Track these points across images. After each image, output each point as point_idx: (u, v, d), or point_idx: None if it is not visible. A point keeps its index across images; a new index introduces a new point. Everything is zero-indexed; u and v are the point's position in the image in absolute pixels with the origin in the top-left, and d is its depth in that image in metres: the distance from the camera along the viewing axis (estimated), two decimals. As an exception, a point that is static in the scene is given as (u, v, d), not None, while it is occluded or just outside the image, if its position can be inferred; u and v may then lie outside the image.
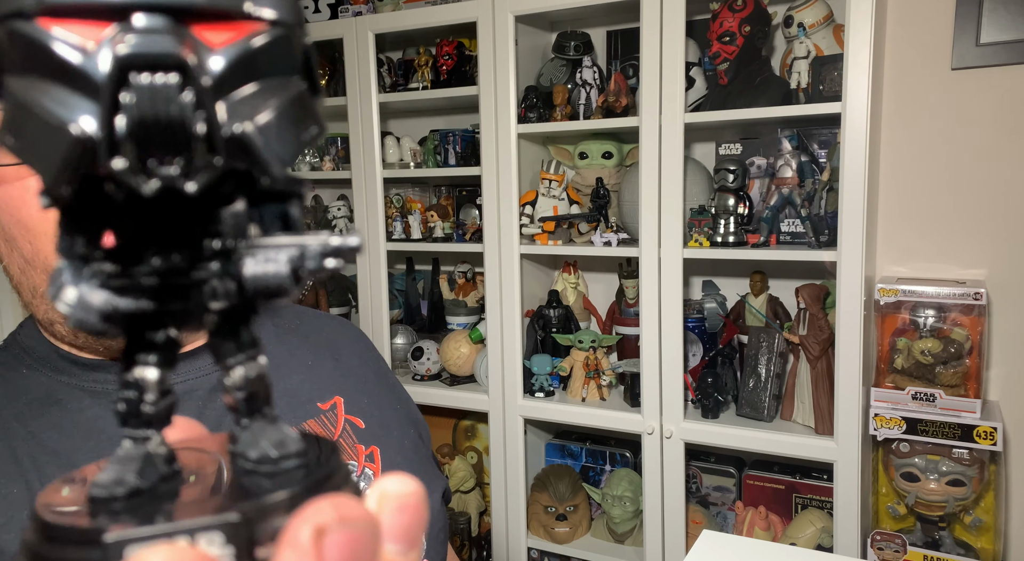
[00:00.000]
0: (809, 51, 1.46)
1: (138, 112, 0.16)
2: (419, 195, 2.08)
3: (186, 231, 0.19)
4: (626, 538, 1.76)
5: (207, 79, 0.17)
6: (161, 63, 0.16)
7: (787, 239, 1.54)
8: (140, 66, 0.16)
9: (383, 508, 0.19)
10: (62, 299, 0.17)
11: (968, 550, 1.45)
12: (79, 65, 0.16)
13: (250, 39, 0.17)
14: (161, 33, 0.16)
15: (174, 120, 0.16)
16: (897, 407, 1.43)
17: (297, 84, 0.18)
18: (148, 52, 0.16)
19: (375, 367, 0.82)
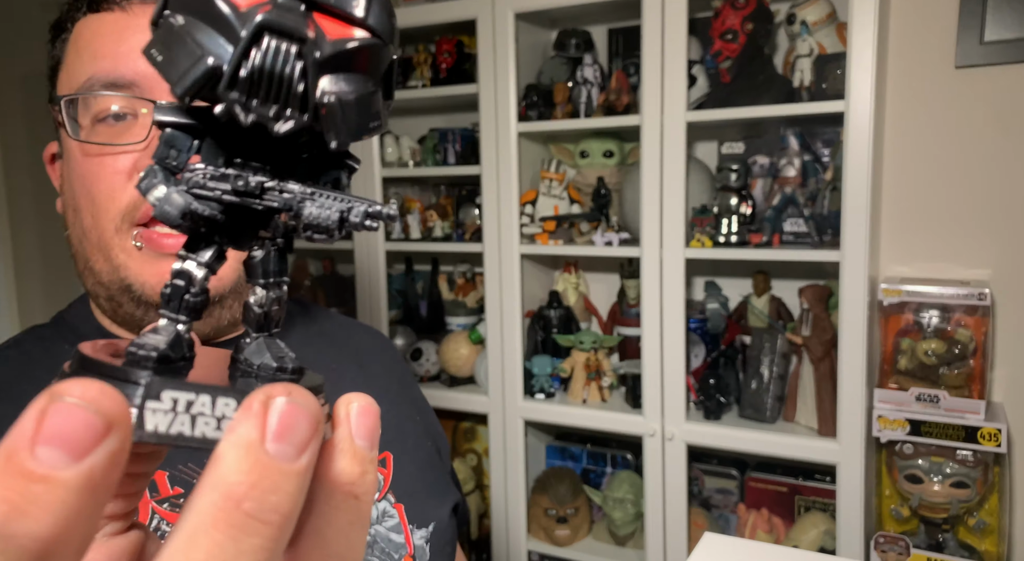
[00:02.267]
0: (812, 49, 1.45)
1: (261, 63, 0.20)
2: (418, 194, 2.06)
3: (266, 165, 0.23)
4: (627, 541, 1.75)
5: (317, 56, 0.21)
6: (289, 33, 0.20)
7: (790, 239, 1.52)
8: (274, 31, 0.20)
9: (350, 411, 0.22)
10: (153, 194, 0.21)
11: (972, 553, 1.44)
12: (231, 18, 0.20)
13: (354, 39, 0.22)
14: (295, 12, 0.21)
15: (284, 77, 0.21)
16: (901, 408, 1.41)
17: (375, 85, 0.23)
18: (282, 24, 0.20)
19: (399, 378, 0.83)
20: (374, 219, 0.22)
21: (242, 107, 0.21)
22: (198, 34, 0.20)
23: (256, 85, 0.20)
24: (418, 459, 0.76)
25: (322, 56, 0.21)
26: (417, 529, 0.72)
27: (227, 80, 0.20)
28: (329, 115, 0.21)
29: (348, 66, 0.22)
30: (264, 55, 0.20)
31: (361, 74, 0.22)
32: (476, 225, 1.82)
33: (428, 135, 1.93)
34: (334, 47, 0.21)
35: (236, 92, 0.20)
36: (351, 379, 0.76)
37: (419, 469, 0.76)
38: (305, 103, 0.21)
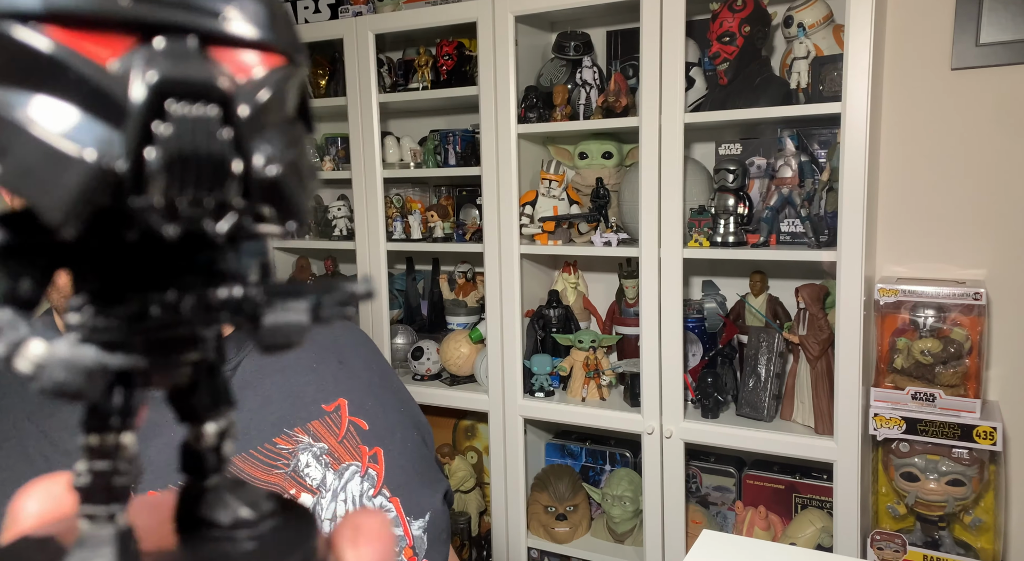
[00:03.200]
0: (809, 51, 1.46)
1: (176, 146, 0.14)
2: (419, 195, 2.08)
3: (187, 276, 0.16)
4: (626, 538, 1.76)
5: (246, 113, 0.15)
6: (203, 93, 0.14)
7: (787, 239, 1.54)
8: (179, 93, 0.14)
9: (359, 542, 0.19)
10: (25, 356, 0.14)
11: (968, 550, 1.45)
12: (99, 84, 0.13)
13: (275, 75, 0.16)
14: (197, 59, 0.14)
15: (215, 157, 0.15)
16: (897, 407, 1.43)
17: (302, 124, 0.17)
18: (189, 79, 0.14)
19: (379, 371, 0.83)
20: (348, 305, 0.17)
21: (164, 217, 0.14)
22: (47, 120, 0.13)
23: (175, 179, 0.14)
24: (407, 451, 0.77)
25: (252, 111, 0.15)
26: (414, 520, 0.73)
27: (131, 183, 0.14)
28: (280, 188, 0.16)
29: (275, 114, 0.16)
30: (178, 132, 0.14)
31: (287, 118, 0.17)
32: (476, 225, 1.84)
33: (429, 136, 1.94)
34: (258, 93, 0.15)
35: (149, 198, 0.14)
36: (333, 377, 0.75)
37: (409, 461, 0.77)
38: (247, 183, 0.15)
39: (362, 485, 0.71)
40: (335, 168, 2.04)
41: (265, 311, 0.16)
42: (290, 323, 0.16)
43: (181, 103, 0.14)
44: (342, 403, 0.74)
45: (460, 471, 1.93)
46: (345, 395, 0.74)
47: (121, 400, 0.16)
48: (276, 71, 0.16)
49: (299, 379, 0.73)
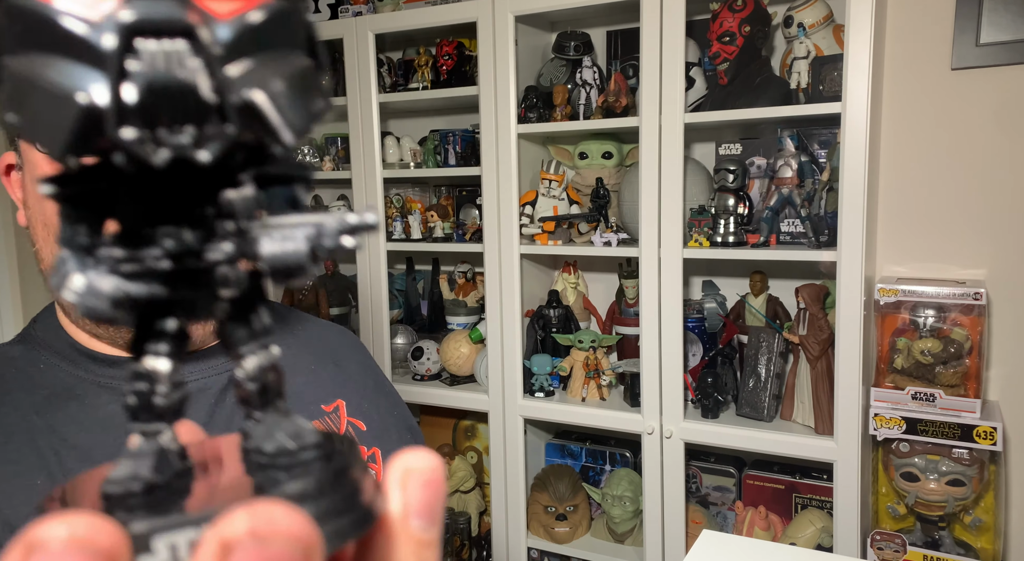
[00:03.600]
0: (809, 51, 1.46)
1: (146, 79, 0.16)
2: (419, 195, 2.08)
3: (197, 211, 0.18)
4: (626, 538, 1.76)
5: (215, 46, 0.16)
6: (168, 29, 0.16)
7: (787, 239, 1.54)
8: (147, 33, 0.16)
9: (407, 483, 0.18)
10: (68, 286, 0.17)
11: (968, 550, 1.45)
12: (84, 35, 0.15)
13: (255, 10, 0.17)
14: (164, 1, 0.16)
15: (184, 86, 0.16)
16: (897, 407, 1.43)
17: (302, 58, 0.18)
18: (154, 18, 0.15)
19: (373, 375, 0.84)
20: (352, 234, 0.18)
21: (147, 144, 0.16)
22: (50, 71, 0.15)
23: (153, 109, 0.16)
24: None
25: (223, 44, 0.16)
26: None
27: (112, 117, 0.16)
28: (260, 112, 0.17)
29: (259, 45, 0.17)
30: (147, 66, 0.16)
31: (281, 49, 0.17)
32: (476, 225, 1.84)
33: (429, 136, 1.94)
34: (233, 27, 0.16)
35: (131, 127, 0.16)
36: (331, 378, 0.76)
37: None
38: (224, 109, 0.16)
39: None
40: (335, 168, 2.04)
41: (263, 239, 0.17)
42: (287, 251, 0.17)
43: (150, 40, 0.15)
44: (340, 404, 0.74)
45: (460, 471, 1.93)
46: (343, 396, 0.75)
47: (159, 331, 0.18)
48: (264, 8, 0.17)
49: (299, 380, 0.73)
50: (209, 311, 0.19)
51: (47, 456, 0.57)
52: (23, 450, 0.57)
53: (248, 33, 0.17)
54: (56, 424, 0.59)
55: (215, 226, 0.18)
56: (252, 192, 0.18)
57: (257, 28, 0.17)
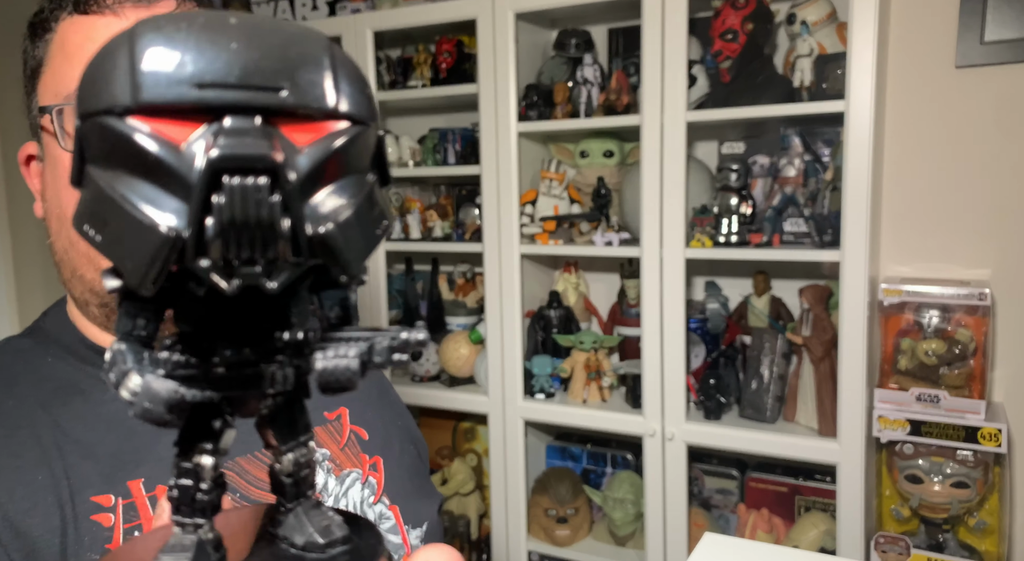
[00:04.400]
0: (812, 49, 1.45)
1: (229, 214, 0.16)
2: (418, 194, 2.06)
3: (254, 321, 0.19)
4: (627, 541, 1.75)
5: (294, 179, 0.17)
6: (253, 165, 0.16)
7: (790, 239, 1.52)
8: (232, 167, 0.16)
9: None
10: (127, 386, 0.17)
11: (972, 553, 1.44)
12: (171, 164, 0.16)
13: (334, 139, 0.17)
14: (252, 135, 0.16)
15: (263, 222, 0.16)
16: (901, 408, 1.41)
17: (370, 179, 0.19)
18: (240, 154, 0.16)
19: (378, 384, 0.84)
20: (402, 351, 0.19)
21: (221, 273, 0.17)
22: (134, 194, 0.16)
23: (231, 241, 0.16)
24: (404, 463, 0.78)
25: (300, 176, 0.17)
26: (412, 529, 0.74)
27: (192, 248, 0.16)
28: (330, 245, 0.17)
29: (335, 173, 0.18)
30: (230, 202, 0.16)
31: (351, 175, 0.18)
32: (476, 225, 1.82)
33: (428, 135, 1.93)
34: (312, 159, 0.17)
35: (208, 259, 0.16)
36: None
37: (407, 472, 0.78)
38: (297, 242, 0.17)
39: (363, 492, 0.71)
40: (333, 167, 2.03)
41: (318, 355, 0.18)
42: (339, 367, 0.18)
43: (235, 176, 0.16)
44: (343, 412, 0.74)
45: (459, 473, 1.92)
46: (346, 404, 0.75)
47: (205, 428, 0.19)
48: (340, 134, 0.17)
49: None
50: (255, 408, 0.19)
51: (49, 451, 0.57)
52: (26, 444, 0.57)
53: (326, 163, 0.17)
54: (60, 419, 0.59)
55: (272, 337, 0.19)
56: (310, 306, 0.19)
57: (334, 157, 0.17)
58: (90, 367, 0.63)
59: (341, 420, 0.74)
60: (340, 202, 0.17)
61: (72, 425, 0.59)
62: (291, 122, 0.17)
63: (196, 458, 0.19)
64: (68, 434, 0.58)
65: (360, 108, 0.18)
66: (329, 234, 0.17)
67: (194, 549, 0.18)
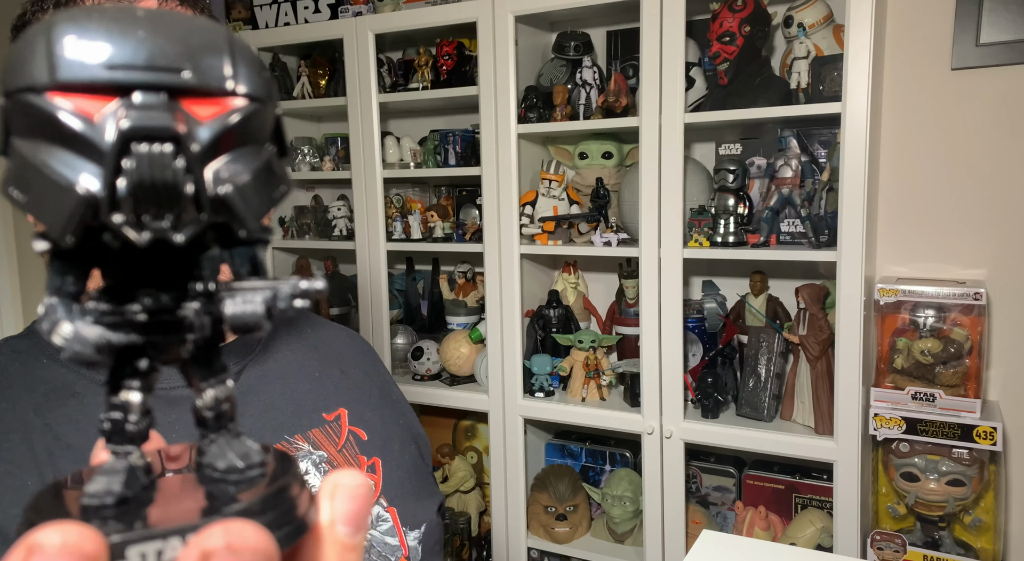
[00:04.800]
0: (809, 51, 1.46)
1: (137, 176, 0.18)
2: (419, 195, 2.08)
3: (170, 273, 0.21)
4: (626, 538, 1.76)
5: (196, 148, 0.19)
6: (158, 134, 0.19)
7: (787, 239, 1.54)
8: (140, 137, 0.18)
9: (335, 496, 0.22)
10: (58, 333, 0.19)
11: (968, 550, 1.45)
12: (86, 134, 0.18)
13: (231, 114, 0.20)
14: (158, 109, 0.19)
15: (168, 183, 0.19)
16: (897, 407, 1.43)
17: (268, 150, 0.21)
18: (148, 125, 0.18)
19: (380, 381, 0.84)
20: (302, 297, 0.21)
21: (133, 227, 0.19)
22: (54, 160, 0.18)
23: (140, 200, 0.19)
24: (404, 463, 0.77)
25: (202, 146, 0.19)
26: (410, 531, 0.73)
27: (106, 205, 0.18)
28: (229, 204, 0.20)
29: (233, 143, 0.20)
30: (139, 166, 0.18)
31: (249, 146, 0.21)
32: (476, 225, 1.84)
33: (429, 136, 1.94)
34: (212, 130, 0.19)
35: (120, 214, 0.19)
36: (335, 386, 0.76)
37: (406, 473, 0.77)
38: (199, 201, 0.19)
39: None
40: (335, 168, 2.04)
41: (227, 303, 0.21)
42: (246, 312, 0.21)
43: (143, 143, 0.18)
44: (342, 412, 0.74)
45: (460, 471, 1.93)
46: (345, 405, 0.75)
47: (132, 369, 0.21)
48: (239, 111, 0.20)
49: (301, 387, 0.73)
50: (177, 352, 0.22)
51: (40, 456, 0.57)
52: (17, 449, 0.57)
53: (224, 134, 0.20)
54: (53, 423, 0.59)
55: (186, 286, 0.21)
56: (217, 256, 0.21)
57: (232, 129, 0.20)
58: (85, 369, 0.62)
59: (339, 421, 0.73)
60: (238, 167, 0.20)
61: (64, 429, 0.59)
62: (194, 99, 0.19)
63: (125, 394, 0.21)
64: (60, 439, 0.58)
65: (256, 88, 0.20)
66: (228, 195, 0.19)
67: (125, 471, 0.21)
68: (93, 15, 0.19)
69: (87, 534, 0.17)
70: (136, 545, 0.18)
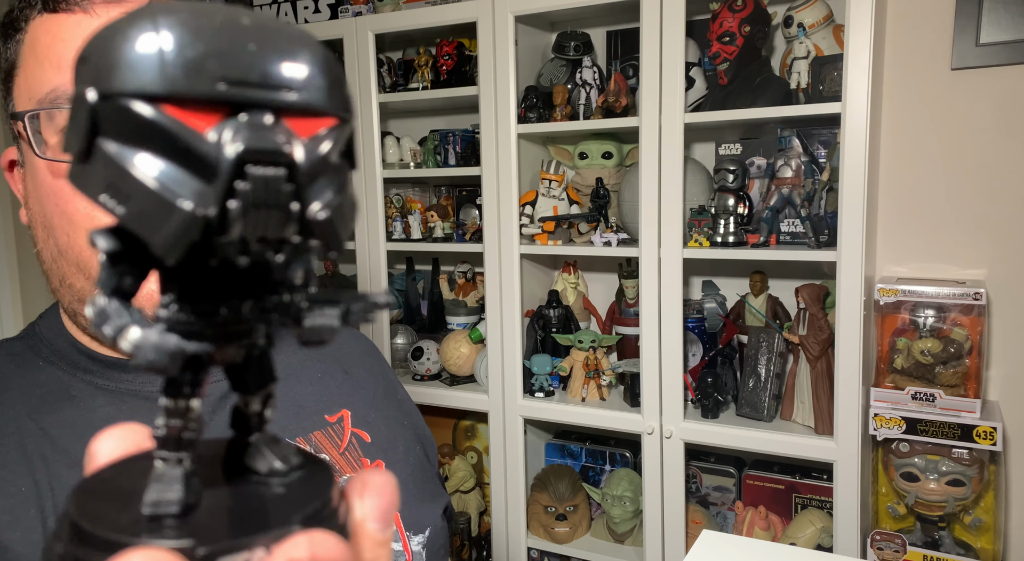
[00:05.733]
0: (809, 51, 1.46)
1: (252, 198, 0.18)
2: (419, 195, 2.08)
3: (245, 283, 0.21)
4: (626, 538, 1.76)
5: (305, 171, 0.19)
6: (271, 157, 0.19)
7: (787, 239, 1.54)
8: (257, 159, 0.18)
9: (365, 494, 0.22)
10: (128, 338, 0.19)
11: (968, 550, 1.45)
12: (199, 151, 0.18)
13: (328, 134, 0.20)
14: (270, 131, 0.19)
15: (280, 206, 0.19)
16: (897, 407, 1.43)
17: (348, 166, 0.21)
18: (264, 148, 0.18)
19: (384, 381, 0.83)
20: (371, 312, 0.22)
21: (238, 251, 0.19)
22: (161, 175, 0.18)
23: (250, 222, 0.18)
24: (409, 465, 0.76)
25: (308, 168, 0.19)
26: (414, 536, 0.73)
27: (216, 225, 0.18)
28: (328, 227, 0.20)
29: (328, 163, 0.20)
30: (254, 188, 0.18)
31: (337, 165, 0.21)
32: (476, 225, 1.84)
33: (429, 136, 1.94)
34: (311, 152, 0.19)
35: (229, 236, 0.18)
36: (338, 387, 0.75)
37: (411, 475, 0.76)
38: (303, 224, 0.20)
39: None
40: (335, 168, 2.04)
41: (305, 315, 0.21)
42: (324, 325, 0.21)
43: (257, 166, 0.18)
44: (345, 414, 0.73)
45: (460, 471, 1.93)
46: (348, 406, 0.74)
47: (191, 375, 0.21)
48: (331, 131, 0.20)
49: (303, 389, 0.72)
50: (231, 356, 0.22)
51: (34, 461, 0.56)
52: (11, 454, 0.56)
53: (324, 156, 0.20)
54: (48, 427, 0.58)
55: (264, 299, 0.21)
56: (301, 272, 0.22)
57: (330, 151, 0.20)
58: (81, 373, 0.61)
59: (342, 423, 0.72)
60: (333, 191, 0.20)
61: (60, 433, 0.57)
62: (293, 118, 0.20)
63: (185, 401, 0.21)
64: (55, 443, 0.57)
65: (345, 107, 0.21)
66: (328, 218, 0.20)
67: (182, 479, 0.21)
68: (203, 20, 0.18)
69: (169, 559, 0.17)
70: (222, 558, 0.19)
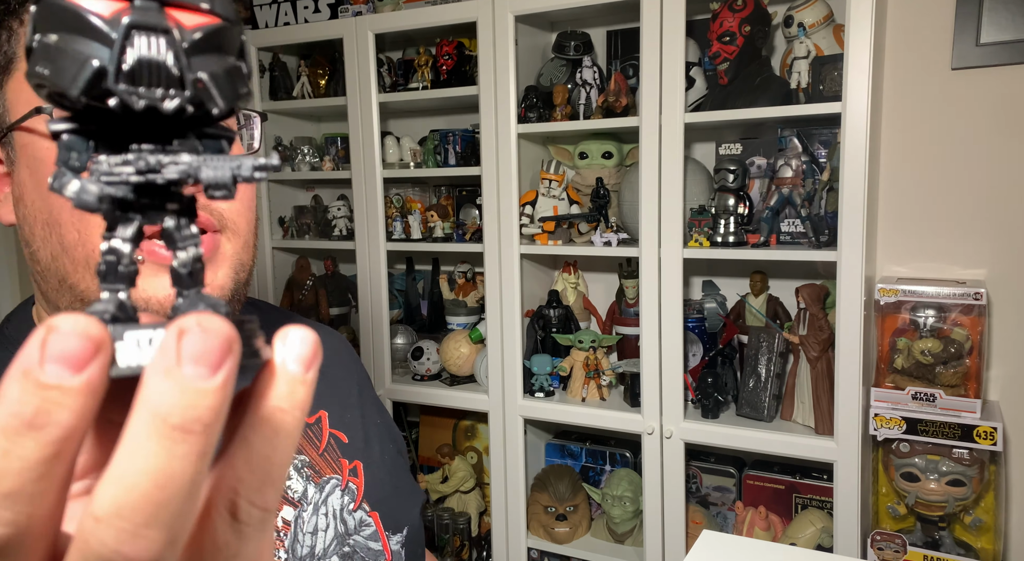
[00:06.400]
0: (809, 51, 1.46)
1: (138, 57, 0.24)
2: (419, 195, 2.08)
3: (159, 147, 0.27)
4: (626, 538, 1.76)
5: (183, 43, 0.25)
6: (154, 28, 0.25)
7: (787, 239, 1.54)
8: (141, 28, 0.24)
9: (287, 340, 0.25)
10: (68, 188, 0.25)
11: (968, 550, 1.45)
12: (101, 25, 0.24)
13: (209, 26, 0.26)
14: (153, 11, 0.25)
15: (161, 64, 0.25)
16: (897, 407, 1.43)
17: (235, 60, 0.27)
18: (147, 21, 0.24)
19: (358, 380, 0.83)
20: (261, 171, 0.26)
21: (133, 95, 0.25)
22: (75, 45, 0.24)
23: (139, 75, 0.24)
24: (386, 463, 0.77)
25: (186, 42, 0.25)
26: (393, 535, 0.73)
27: (113, 75, 0.24)
28: (206, 88, 0.25)
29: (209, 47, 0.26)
30: (139, 50, 0.24)
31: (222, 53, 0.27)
32: (476, 225, 1.84)
33: (429, 136, 1.94)
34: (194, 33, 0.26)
35: (124, 84, 0.24)
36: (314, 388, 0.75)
37: (388, 474, 0.76)
38: (183, 82, 0.25)
39: (343, 499, 0.70)
40: (335, 168, 2.04)
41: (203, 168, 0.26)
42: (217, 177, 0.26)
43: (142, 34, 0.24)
44: (323, 415, 0.73)
45: (460, 471, 1.93)
46: (325, 407, 0.74)
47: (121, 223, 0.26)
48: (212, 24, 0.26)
49: None
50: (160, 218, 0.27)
51: None
52: None
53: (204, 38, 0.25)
54: None
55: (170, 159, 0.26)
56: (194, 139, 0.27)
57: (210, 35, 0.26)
58: None
59: (320, 424, 0.72)
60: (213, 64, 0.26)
61: None
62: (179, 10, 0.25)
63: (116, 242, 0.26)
64: None
65: (228, 11, 0.26)
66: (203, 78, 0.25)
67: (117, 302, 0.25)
68: None
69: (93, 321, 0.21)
70: (132, 331, 0.23)
